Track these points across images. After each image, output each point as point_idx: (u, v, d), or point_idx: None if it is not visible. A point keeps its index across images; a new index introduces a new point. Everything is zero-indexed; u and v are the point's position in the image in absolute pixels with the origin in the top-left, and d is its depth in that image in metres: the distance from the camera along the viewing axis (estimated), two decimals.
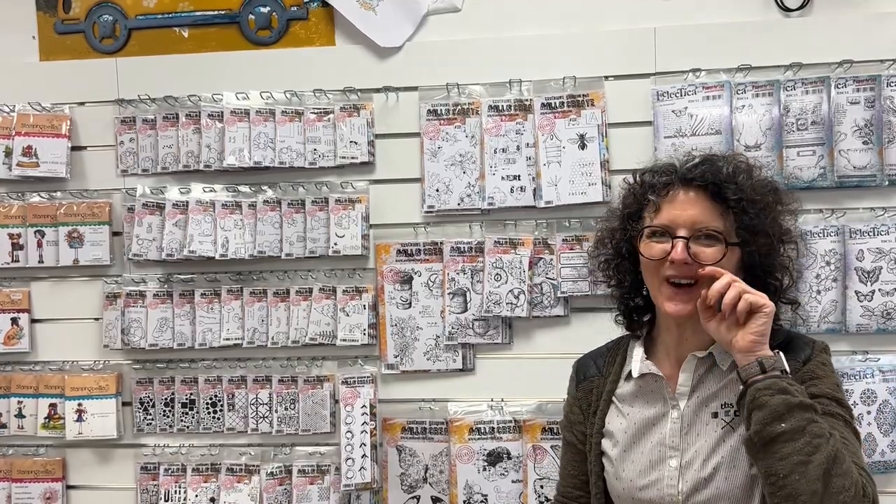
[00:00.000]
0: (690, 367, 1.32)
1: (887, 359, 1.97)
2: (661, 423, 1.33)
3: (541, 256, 2.10)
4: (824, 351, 1.34)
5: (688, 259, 1.25)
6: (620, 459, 1.36)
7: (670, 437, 1.30)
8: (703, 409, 1.30)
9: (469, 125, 2.13)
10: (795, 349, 1.31)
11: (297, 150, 2.18)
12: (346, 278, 2.18)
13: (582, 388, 1.48)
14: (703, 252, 1.25)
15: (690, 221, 1.26)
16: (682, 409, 1.31)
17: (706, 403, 1.31)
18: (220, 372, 2.23)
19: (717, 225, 1.26)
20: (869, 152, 1.96)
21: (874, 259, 1.96)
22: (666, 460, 1.30)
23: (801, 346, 1.33)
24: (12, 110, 2.27)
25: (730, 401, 1.28)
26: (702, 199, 1.27)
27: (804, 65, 1.97)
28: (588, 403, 1.46)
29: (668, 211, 1.29)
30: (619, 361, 1.45)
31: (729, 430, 1.27)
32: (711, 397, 1.31)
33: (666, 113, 2.02)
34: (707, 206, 1.27)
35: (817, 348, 1.33)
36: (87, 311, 2.29)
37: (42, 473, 2.28)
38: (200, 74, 2.23)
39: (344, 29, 2.20)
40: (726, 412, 1.28)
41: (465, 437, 2.11)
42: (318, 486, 2.17)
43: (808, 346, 1.32)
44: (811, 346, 1.33)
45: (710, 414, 1.29)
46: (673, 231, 1.27)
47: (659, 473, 1.30)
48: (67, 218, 2.25)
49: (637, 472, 1.32)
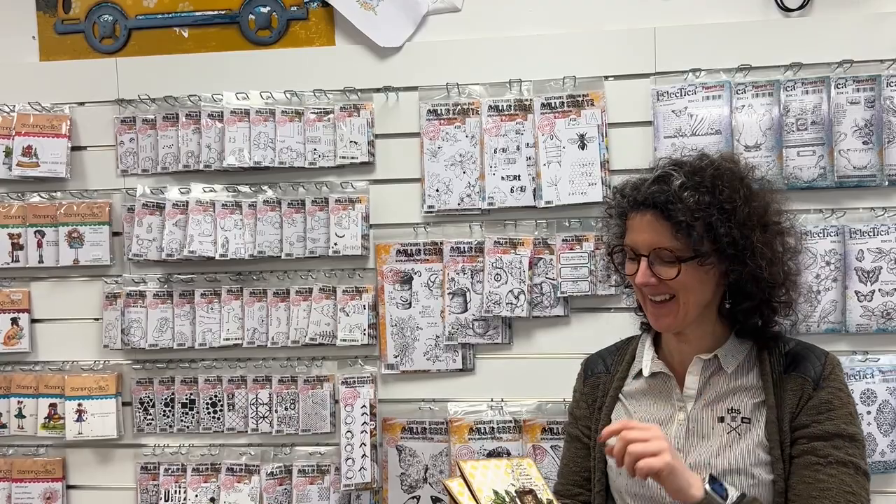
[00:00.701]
0: (697, 370, 1.33)
1: (887, 359, 1.97)
2: (668, 423, 1.33)
3: (541, 256, 2.10)
4: (838, 367, 1.32)
5: (650, 281, 1.27)
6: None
7: (675, 439, 1.31)
8: (710, 412, 1.31)
9: (469, 125, 2.13)
10: (804, 365, 1.30)
11: (297, 150, 2.18)
12: (346, 278, 2.18)
13: (589, 384, 1.50)
14: (662, 272, 1.26)
15: (647, 244, 1.28)
16: (688, 410, 1.32)
17: (712, 406, 1.31)
18: (220, 372, 2.23)
19: (670, 245, 1.25)
20: (869, 152, 1.96)
21: (874, 259, 1.96)
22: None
23: (812, 360, 1.31)
24: (12, 110, 2.27)
25: (736, 406, 1.30)
26: (654, 220, 1.26)
27: (804, 65, 1.97)
28: (594, 399, 1.47)
29: (629, 234, 1.32)
30: (627, 360, 1.46)
31: (735, 436, 1.28)
32: (718, 400, 1.32)
33: (666, 113, 2.02)
34: (658, 228, 1.26)
35: (829, 364, 1.31)
36: (87, 311, 2.29)
37: (42, 473, 2.28)
38: (200, 74, 2.23)
39: (344, 29, 2.20)
40: (732, 417, 1.30)
41: (465, 437, 2.11)
42: (318, 486, 2.17)
43: (819, 361, 1.31)
44: (822, 362, 1.31)
45: (717, 418, 1.30)
46: (637, 252, 1.29)
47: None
48: (67, 218, 2.25)
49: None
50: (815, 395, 1.27)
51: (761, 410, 1.29)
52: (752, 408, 1.29)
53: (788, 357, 1.32)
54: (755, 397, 1.30)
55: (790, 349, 1.33)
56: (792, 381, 1.29)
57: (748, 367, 1.33)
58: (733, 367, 1.32)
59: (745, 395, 1.31)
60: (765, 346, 1.33)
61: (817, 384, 1.28)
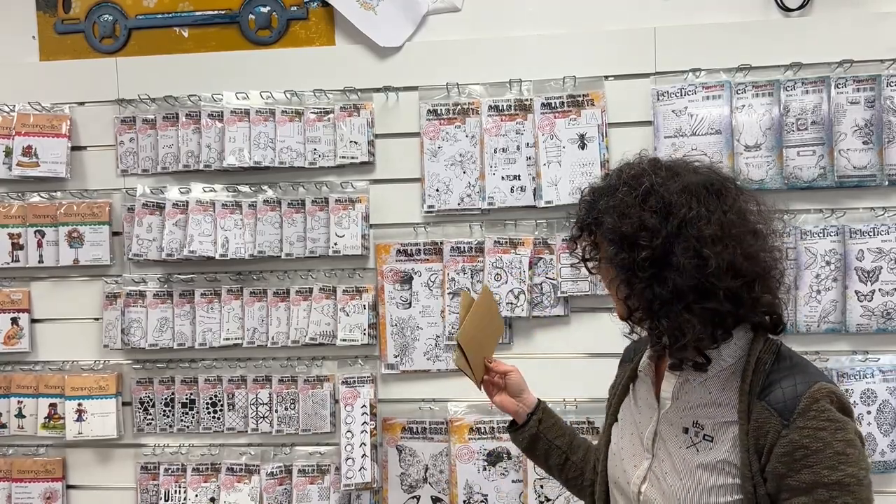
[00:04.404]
0: (672, 374, 1.26)
1: (887, 359, 1.97)
2: (648, 422, 1.30)
3: (541, 256, 2.10)
4: (824, 399, 1.10)
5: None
6: (616, 440, 1.36)
7: (646, 440, 1.28)
8: (678, 419, 1.24)
9: (469, 125, 2.13)
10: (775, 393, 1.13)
11: (297, 150, 2.18)
12: (346, 278, 2.18)
13: (620, 369, 1.49)
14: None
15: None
16: (660, 414, 1.27)
17: (681, 414, 1.24)
18: (220, 372, 2.23)
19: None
20: (869, 152, 1.96)
21: (874, 259, 1.96)
22: (642, 459, 1.28)
23: (787, 388, 1.13)
24: (12, 110, 2.27)
25: (701, 421, 1.20)
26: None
27: (804, 65, 1.97)
28: (614, 385, 1.47)
29: None
30: (643, 351, 1.41)
31: (693, 451, 1.19)
32: (687, 410, 1.23)
33: (666, 113, 2.02)
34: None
35: (809, 398, 1.10)
36: (87, 311, 2.29)
37: (42, 473, 2.28)
38: (200, 74, 2.23)
39: (344, 29, 2.20)
40: (696, 433, 1.20)
41: (465, 437, 2.11)
42: (318, 485, 2.17)
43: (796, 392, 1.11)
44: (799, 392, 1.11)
45: (682, 428, 1.23)
46: None
47: (632, 467, 1.29)
48: (67, 218, 2.25)
49: (619, 459, 1.33)
50: (785, 436, 1.10)
51: (727, 430, 1.17)
52: (716, 426, 1.18)
53: (769, 377, 1.16)
54: (725, 416, 1.18)
55: (776, 367, 1.17)
56: (759, 410, 1.13)
57: (730, 380, 1.20)
58: (710, 377, 1.21)
59: (714, 411, 1.20)
60: (758, 358, 1.18)
61: (787, 421, 1.10)
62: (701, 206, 1.15)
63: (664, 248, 1.14)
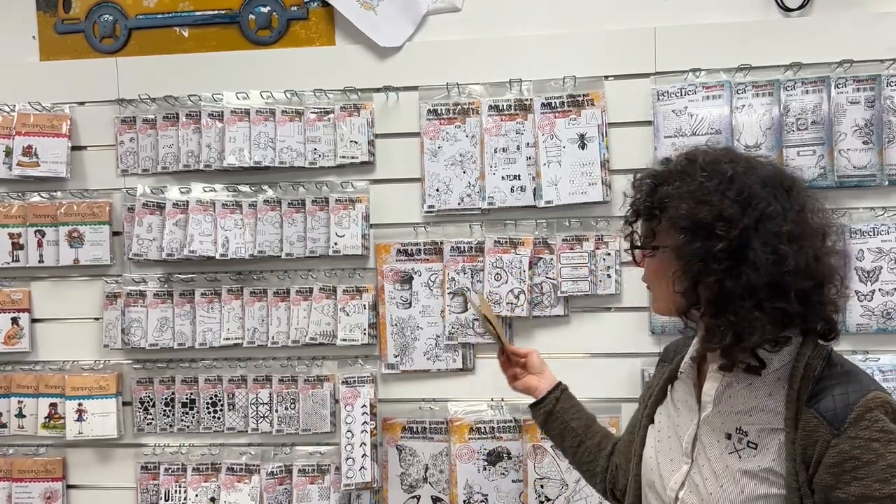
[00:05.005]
0: (716, 377, 1.21)
1: (887, 359, 1.97)
2: (688, 425, 1.25)
3: (541, 256, 2.10)
4: (879, 409, 1.05)
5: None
6: (652, 443, 1.32)
7: (686, 444, 1.24)
8: (721, 424, 1.19)
9: (469, 125, 2.13)
10: (826, 400, 1.08)
11: (298, 150, 2.18)
12: (346, 278, 2.18)
13: (658, 369, 1.46)
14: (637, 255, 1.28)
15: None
16: (701, 418, 1.23)
17: (723, 419, 1.19)
18: (220, 372, 2.23)
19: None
20: (869, 152, 1.96)
21: (874, 259, 1.96)
22: (680, 464, 1.25)
23: (838, 396, 1.08)
24: (12, 110, 2.27)
25: (745, 428, 1.16)
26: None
27: (804, 65, 1.97)
28: (651, 384, 1.42)
29: None
30: (683, 352, 1.37)
31: (736, 457, 1.15)
32: (730, 415, 1.19)
33: (666, 113, 2.03)
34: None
35: (861, 406, 1.05)
36: (87, 310, 2.29)
37: (42, 473, 2.28)
38: (200, 74, 2.23)
39: (344, 29, 2.20)
40: (739, 439, 1.16)
41: (465, 437, 2.11)
42: (319, 485, 2.17)
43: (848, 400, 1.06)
44: (851, 401, 1.06)
45: (724, 433, 1.18)
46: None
47: (669, 472, 1.26)
48: (67, 218, 2.25)
49: (656, 463, 1.29)
50: (835, 445, 1.05)
51: (772, 438, 1.13)
52: (761, 433, 1.14)
53: (819, 384, 1.10)
54: (771, 423, 1.13)
55: (826, 374, 1.11)
56: (807, 418, 1.09)
57: (777, 385, 1.15)
58: (756, 381, 1.16)
59: (759, 417, 1.15)
60: (807, 363, 1.13)
61: (837, 430, 1.05)
62: (778, 201, 1.12)
63: (740, 241, 1.09)
